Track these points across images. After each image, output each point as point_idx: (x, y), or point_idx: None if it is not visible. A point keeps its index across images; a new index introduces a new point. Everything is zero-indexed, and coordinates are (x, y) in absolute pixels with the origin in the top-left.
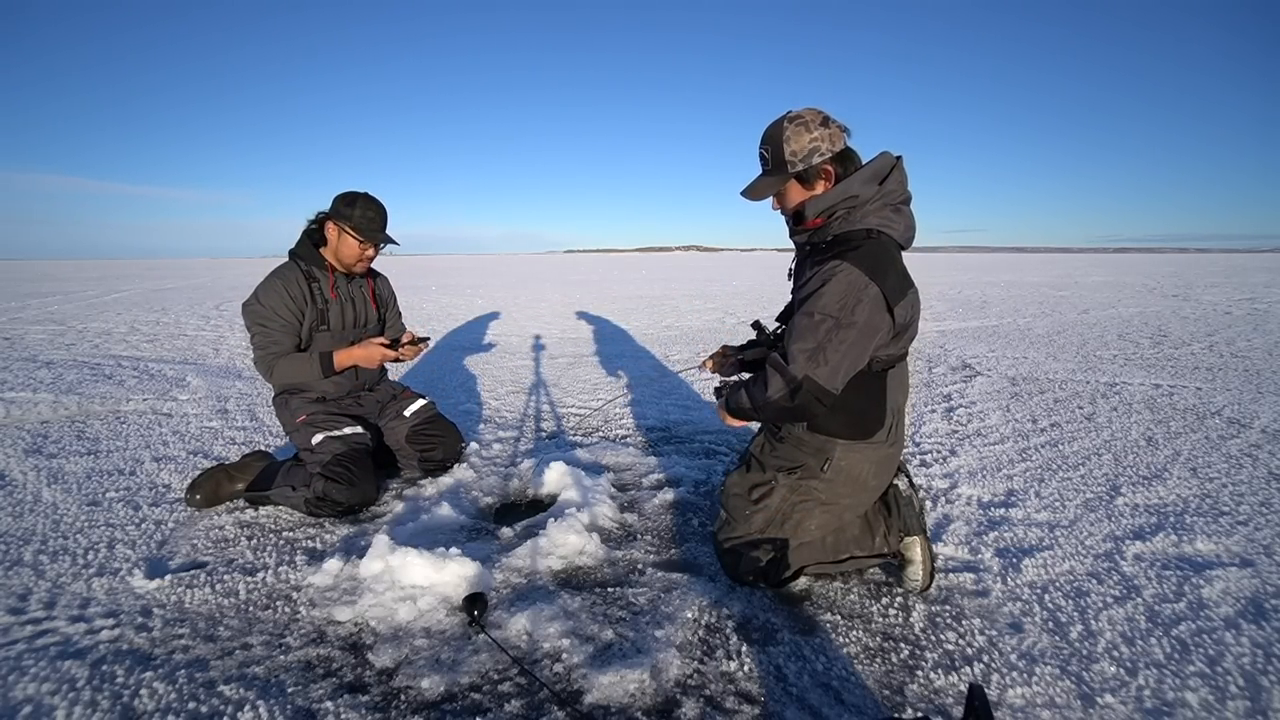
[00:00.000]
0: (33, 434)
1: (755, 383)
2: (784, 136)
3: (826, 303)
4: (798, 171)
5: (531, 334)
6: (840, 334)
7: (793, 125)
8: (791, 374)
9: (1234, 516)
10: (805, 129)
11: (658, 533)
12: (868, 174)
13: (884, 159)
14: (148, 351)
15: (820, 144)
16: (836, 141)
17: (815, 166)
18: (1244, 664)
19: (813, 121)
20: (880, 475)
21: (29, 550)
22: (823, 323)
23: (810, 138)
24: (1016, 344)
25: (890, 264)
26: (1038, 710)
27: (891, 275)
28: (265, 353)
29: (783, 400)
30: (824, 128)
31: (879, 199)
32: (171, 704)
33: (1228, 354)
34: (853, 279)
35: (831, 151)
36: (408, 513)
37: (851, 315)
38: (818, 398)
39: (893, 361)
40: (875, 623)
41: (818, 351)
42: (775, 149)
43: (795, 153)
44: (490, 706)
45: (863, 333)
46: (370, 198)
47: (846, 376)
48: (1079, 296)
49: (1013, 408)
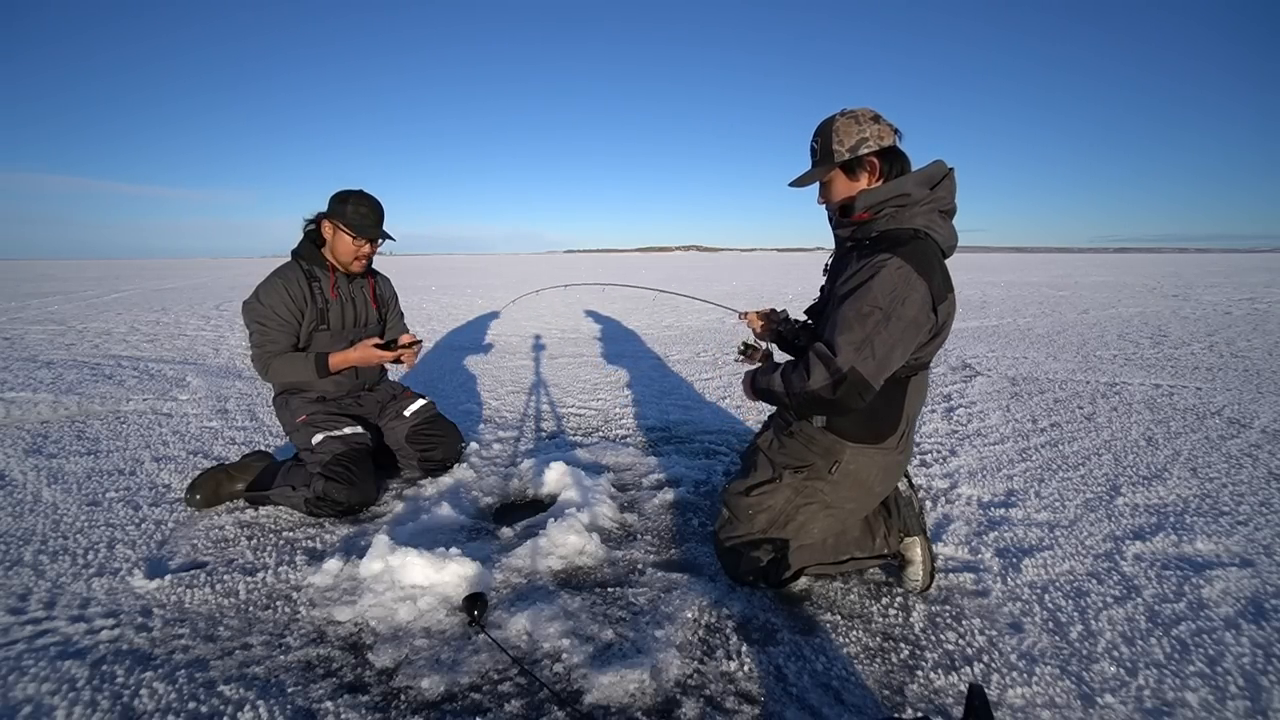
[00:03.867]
0: (33, 434)
1: (794, 369)
2: (834, 128)
3: (876, 295)
4: (844, 161)
5: (531, 334)
6: (889, 327)
7: (844, 119)
8: (838, 365)
9: (1234, 516)
10: (855, 122)
11: (658, 533)
12: (922, 176)
13: (938, 166)
14: (148, 351)
15: (868, 138)
16: (885, 138)
17: (861, 158)
18: (1244, 664)
19: (864, 117)
20: (886, 481)
21: (29, 550)
22: (871, 314)
23: (859, 131)
24: (1017, 344)
25: (937, 263)
26: (1038, 710)
27: (938, 274)
28: (262, 351)
29: (824, 392)
30: (874, 124)
31: (929, 202)
32: (171, 704)
33: (1228, 354)
34: (904, 273)
35: (879, 145)
36: (408, 513)
37: (901, 309)
38: (860, 392)
39: (916, 369)
40: (875, 623)
41: (865, 344)
42: (825, 140)
43: (843, 143)
44: (490, 706)
45: (910, 328)
46: (364, 194)
47: (889, 372)
48: (1079, 296)
49: (1013, 408)
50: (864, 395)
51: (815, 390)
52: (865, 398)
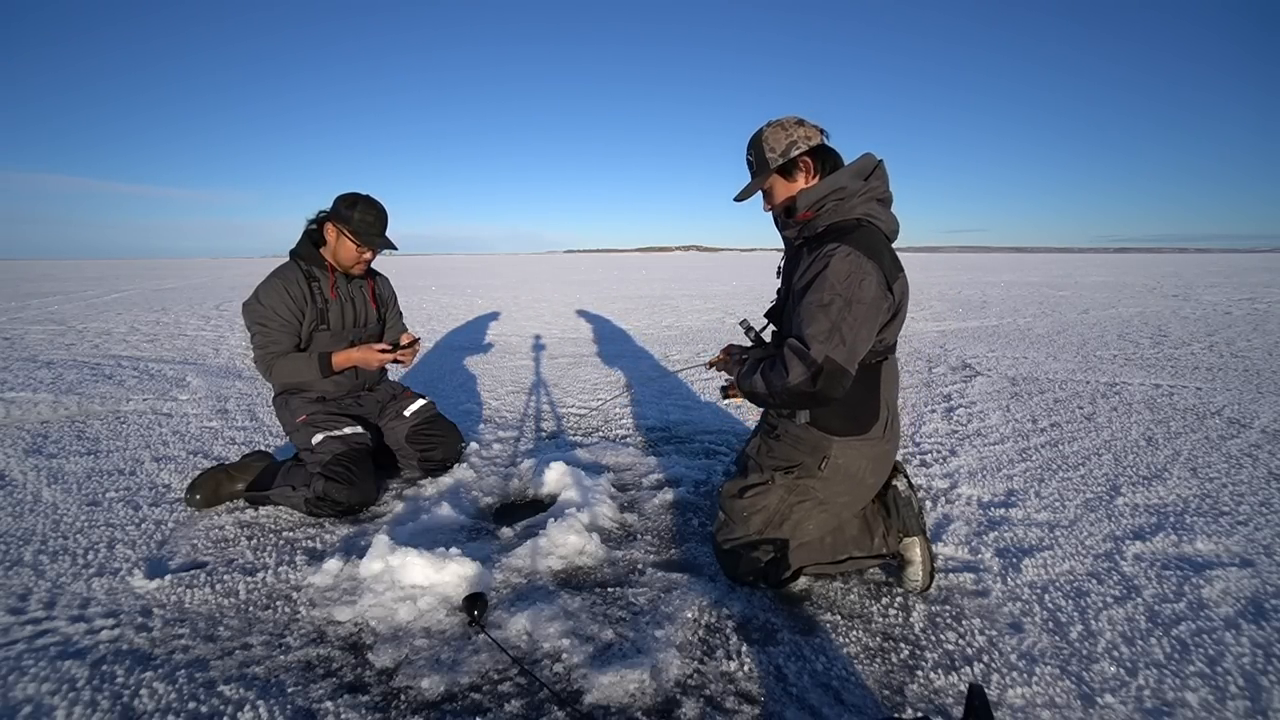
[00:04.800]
0: (33, 434)
1: (772, 368)
2: (764, 138)
3: (833, 283)
4: (779, 165)
5: (531, 334)
6: (852, 311)
7: (771, 128)
8: (812, 358)
9: (1234, 516)
10: (782, 129)
11: (658, 533)
12: (853, 170)
13: (867, 158)
14: (148, 351)
15: (796, 140)
16: (813, 138)
17: (794, 159)
18: (1244, 664)
19: (789, 123)
20: (877, 472)
21: (29, 550)
22: (832, 303)
23: (787, 135)
24: (1016, 344)
25: (883, 246)
26: (1038, 710)
27: (886, 255)
28: (265, 352)
29: (804, 385)
30: (799, 127)
31: (865, 192)
32: (171, 704)
33: (1228, 354)
34: (853, 258)
35: (808, 144)
36: (408, 513)
37: (859, 292)
38: (838, 380)
39: (884, 353)
40: (875, 623)
41: (834, 332)
42: (758, 151)
43: (775, 150)
44: (490, 706)
45: (870, 309)
46: (371, 201)
47: (860, 355)
48: (1079, 296)
49: (1013, 408)
50: (843, 382)
51: (796, 385)
52: (845, 384)
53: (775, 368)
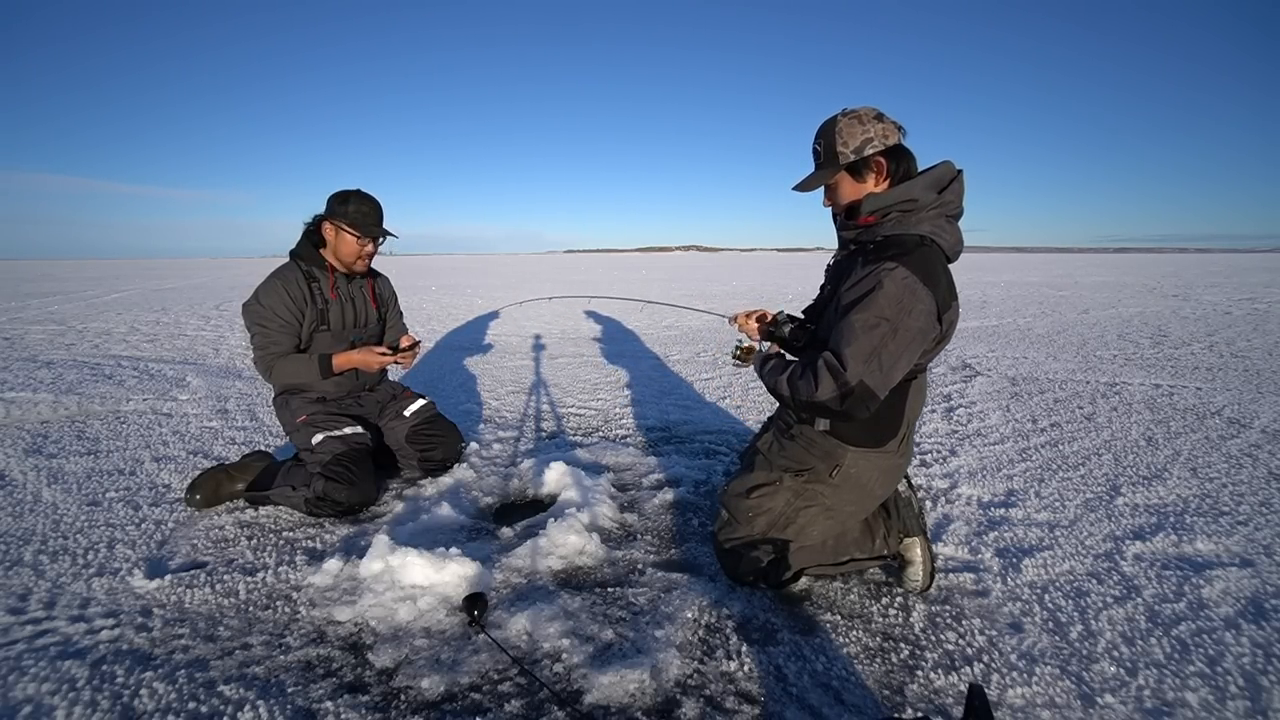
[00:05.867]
0: (33, 434)
1: (802, 377)
2: (837, 129)
3: (882, 306)
4: (849, 163)
5: (531, 334)
6: (896, 339)
7: (846, 119)
8: (846, 379)
9: (1234, 516)
10: (859, 122)
11: (658, 533)
12: (929, 180)
13: (946, 168)
14: (148, 351)
15: (873, 137)
16: (890, 136)
17: (867, 158)
18: (1244, 664)
19: (867, 116)
20: (886, 485)
21: (29, 550)
22: (878, 326)
23: (863, 131)
24: (1016, 344)
25: (942, 272)
26: (1038, 710)
27: (943, 283)
28: (265, 353)
29: (831, 403)
30: (878, 123)
31: (936, 207)
32: (171, 704)
33: (1228, 354)
34: (909, 283)
35: (884, 144)
36: (408, 513)
37: (908, 320)
38: (866, 403)
39: (916, 372)
40: (875, 623)
41: (873, 356)
42: (828, 142)
43: (847, 145)
44: (490, 706)
45: (916, 338)
46: (363, 193)
47: (894, 382)
48: (1079, 296)
49: (1013, 408)
50: (869, 405)
51: (823, 400)
52: (870, 408)
53: (805, 377)
